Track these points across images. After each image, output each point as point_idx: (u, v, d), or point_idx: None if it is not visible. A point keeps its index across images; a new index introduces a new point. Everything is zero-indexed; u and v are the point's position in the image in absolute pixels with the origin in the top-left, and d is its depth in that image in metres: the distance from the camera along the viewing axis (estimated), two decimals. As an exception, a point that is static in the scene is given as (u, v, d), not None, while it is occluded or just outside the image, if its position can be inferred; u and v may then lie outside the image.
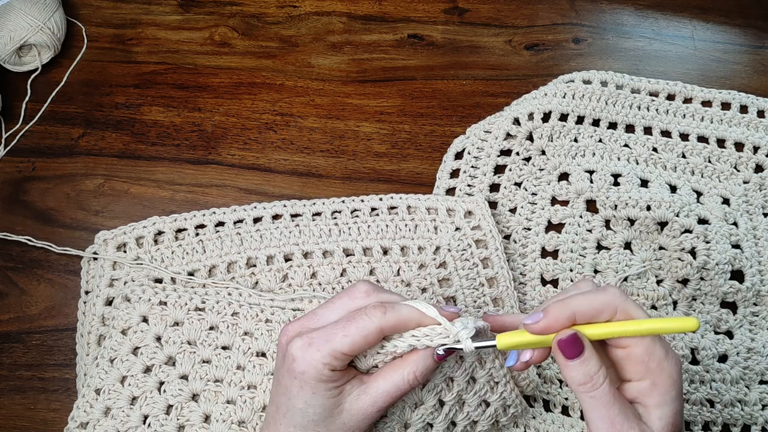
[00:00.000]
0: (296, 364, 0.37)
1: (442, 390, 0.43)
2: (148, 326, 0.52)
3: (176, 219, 0.59)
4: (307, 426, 0.38)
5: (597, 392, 0.36)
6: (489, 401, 0.45)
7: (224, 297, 0.54)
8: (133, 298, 0.53)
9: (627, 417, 0.36)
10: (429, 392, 0.42)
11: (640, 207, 0.59)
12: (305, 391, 0.38)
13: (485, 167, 0.63)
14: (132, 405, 0.50)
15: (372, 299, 0.39)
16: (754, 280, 0.57)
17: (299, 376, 0.37)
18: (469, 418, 0.45)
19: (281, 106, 0.67)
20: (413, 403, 0.42)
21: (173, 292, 0.54)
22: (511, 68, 0.69)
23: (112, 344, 0.52)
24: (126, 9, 0.72)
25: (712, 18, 0.73)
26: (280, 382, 0.39)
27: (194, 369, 0.51)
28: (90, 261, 0.58)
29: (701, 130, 0.65)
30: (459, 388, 0.43)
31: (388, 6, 0.73)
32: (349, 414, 0.38)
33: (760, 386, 0.55)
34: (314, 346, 0.37)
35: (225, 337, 0.52)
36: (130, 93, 0.67)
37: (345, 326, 0.37)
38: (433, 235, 0.59)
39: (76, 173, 0.63)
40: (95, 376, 0.51)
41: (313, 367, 0.37)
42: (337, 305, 0.40)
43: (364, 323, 0.37)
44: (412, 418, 0.42)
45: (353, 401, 0.38)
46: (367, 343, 0.38)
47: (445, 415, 0.43)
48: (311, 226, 0.59)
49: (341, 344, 0.37)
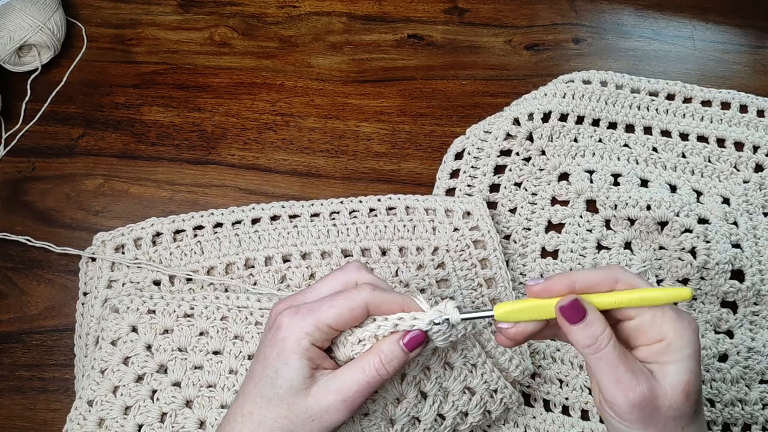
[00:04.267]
0: (280, 331, 0.38)
1: (420, 381, 0.42)
2: (138, 335, 0.52)
3: (174, 220, 0.59)
4: (272, 399, 0.38)
5: (602, 353, 0.36)
6: (472, 387, 0.45)
7: (212, 302, 0.53)
8: (121, 308, 0.53)
9: (635, 375, 0.36)
10: (408, 384, 0.42)
11: (640, 207, 0.59)
12: (280, 360, 0.38)
13: (485, 167, 0.63)
14: (126, 415, 0.50)
15: (362, 273, 0.40)
16: (755, 280, 0.57)
17: (279, 343, 0.38)
18: (457, 408, 0.44)
19: (281, 106, 0.67)
20: (394, 399, 0.42)
21: (161, 300, 0.53)
22: (511, 68, 0.69)
23: (102, 355, 0.51)
24: (126, 9, 0.72)
25: (712, 18, 0.73)
26: (260, 351, 0.39)
27: (186, 375, 0.51)
28: (88, 262, 0.58)
29: (701, 129, 0.65)
30: (437, 375, 0.42)
31: (387, 6, 0.73)
32: (315, 399, 0.37)
33: (760, 385, 0.55)
34: (300, 314, 0.38)
35: (215, 342, 0.52)
36: (130, 93, 0.67)
37: (332, 298, 0.38)
38: (432, 236, 0.59)
39: (76, 173, 0.63)
40: (87, 388, 0.50)
41: (294, 335, 0.37)
42: (330, 280, 0.40)
43: (351, 296, 0.38)
44: (396, 413, 0.42)
45: (321, 387, 0.38)
46: (352, 317, 0.38)
47: (430, 407, 0.43)
48: (309, 227, 0.59)
49: (326, 315, 0.37)
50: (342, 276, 0.40)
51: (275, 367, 0.38)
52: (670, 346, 0.36)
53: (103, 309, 0.54)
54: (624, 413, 0.36)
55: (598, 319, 0.37)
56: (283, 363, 0.37)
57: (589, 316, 0.37)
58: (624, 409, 0.36)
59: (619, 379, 0.36)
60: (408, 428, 0.43)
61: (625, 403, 0.36)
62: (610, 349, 0.36)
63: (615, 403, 0.36)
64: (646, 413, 0.36)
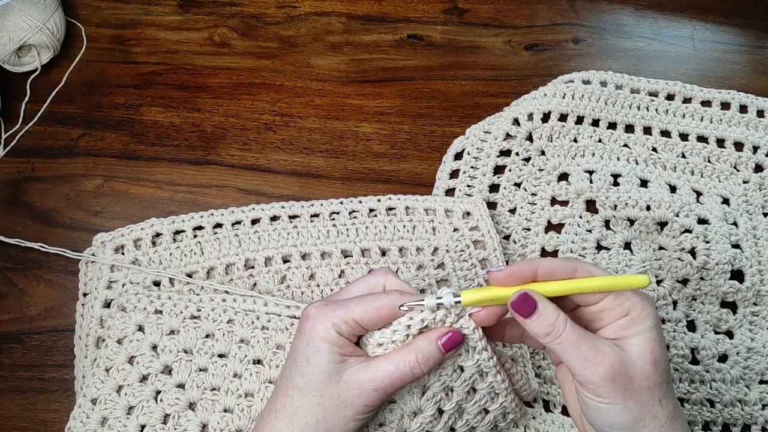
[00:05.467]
0: (308, 321, 0.39)
1: (441, 399, 0.42)
2: (144, 335, 0.52)
3: (174, 221, 0.59)
4: (304, 388, 0.38)
5: (562, 337, 0.37)
6: (489, 410, 0.45)
7: (219, 304, 0.53)
8: (128, 307, 0.53)
9: (599, 349, 0.36)
10: (428, 401, 0.42)
11: (639, 207, 0.59)
12: (310, 348, 0.38)
13: (485, 168, 0.63)
14: (129, 415, 0.50)
15: (389, 277, 0.41)
16: (754, 280, 0.57)
17: (308, 332, 0.39)
18: (468, 425, 0.45)
19: (281, 106, 0.67)
20: (412, 412, 0.42)
21: (168, 300, 0.53)
22: (511, 68, 0.69)
23: (108, 353, 0.51)
24: (125, 9, 0.72)
25: (712, 18, 0.73)
26: (293, 346, 0.40)
27: (191, 377, 0.51)
28: (88, 263, 0.58)
29: (701, 129, 0.65)
30: (459, 398, 0.43)
31: (387, 6, 0.73)
32: (346, 385, 0.38)
33: (760, 386, 0.55)
34: (329, 306, 0.39)
35: (221, 344, 0.52)
36: (130, 93, 0.67)
37: (362, 297, 0.39)
38: (432, 236, 0.59)
39: (75, 174, 0.63)
40: (91, 386, 0.50)
41: (323, 324, 0.38)
42: (358, 284, 0.42)
43: (380, 296, 0.39)
44: (411, 426, 0.42)
45: (353, 373, 0.38)
46: (379, 316, 0.39)
47: (444, 423, 0.43)
48: (309, 228, 0.59)
49: (354, 310, 0.38)
50: (371, 280, 0.42)
51: (306, 356, 0.39)
52: (633, 320, 0.37)
53: (111, 307, 0.54)
54: (600, 388, 0.36)
55: (550, 308, 0.37)
56: (313, 351, 0.38)
57: (540, 306, 0.37)
58: (599, 384, 0.36)
59: (585, 357, 0.36)
60: None
61: (597, 377, 0.36)
62: (568, 332, 0.37)
63: (589, 381, 0.37)
64: (620, 384, 0.36)
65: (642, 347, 0.37)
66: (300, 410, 0.38)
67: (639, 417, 0.37)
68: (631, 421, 0.37)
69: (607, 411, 0.37)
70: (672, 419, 0.37)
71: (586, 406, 0.38)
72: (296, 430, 0.38)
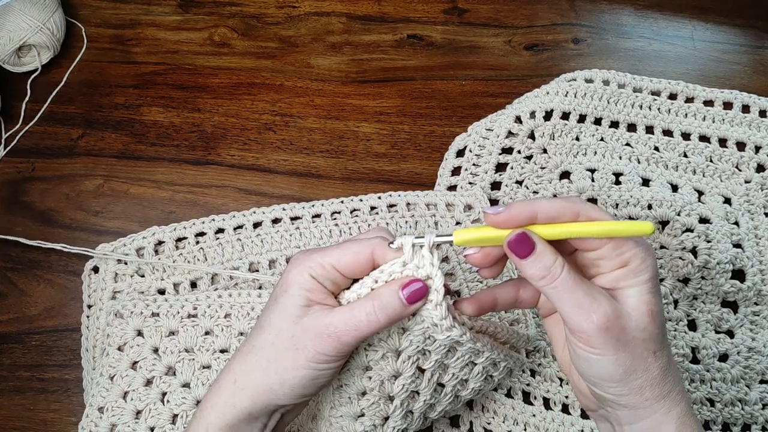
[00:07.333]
0: (289, 266, 0.39)
1: (419, 359, 0.41)
2: (144, 339, 0.52)
3: (176, 228, 0.59)
4: (264, 327, 0.38)
5: (558, 281, 0.36)
6: (476, 362, 0.43)
7: (215, 300, 0.53)
8: (125, 313, 0.53)
9: (594, 297, 0.35)
10: (404, 362, 0.40)
11: (641, 206, 0.59)
12: (281, 289, 0.38)
13: (486, 165, 0.63)
14: (137, 419, 0.50)
15: (380, 231, 0.41)
16: (755, 280, 0.57)
17: (284, 275, 0.38)
18: (457, 378, 0.43)
19: (281, 106, 0.67)
20: (391, 376, 0.41)
21: (164, 302, 0.53)
22: (511, 68, 0.69)
23: (110, 361, 0.51)
24: (125, 9, 0.72)
25: (712, 18, 0.73)
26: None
27: (195, 376, 0.51)
28: (91, 274, 0.57)
29: (703, 129, 0.65)
30: (437, 357, 0.41)
31: (387, 6, 0.73)
32: (302, 328, 0.37)
33: (760, 385, 0.55)
34: (307, 254, 0.38)
35: (221, 340, 0.52)
36: (130, 93, 0.67)
37: (341, 243, 0.39)
38: (434, 231, 0.59)
39: (75, 174, 0.63)
40: (97, 395, 0.50)
41: (297, 268, 0.38)
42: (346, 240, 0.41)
43: (359, 241, 0.38)
44: (393, 389, 0.41)
45: (312, 318, 0.37)
46: (356, 261, 0.37)
47: (428, 380, 0.42)
48: (311, 228, 0.59)
49: (330, 254, 0.38)
50: (361, 235, 0.41)
51: (275, 296, 0.38)
52: (632, 271, 0.36)
53: (108, 315, 0.54)
54: (592, 338, 0.35)
55: (548, 251, 0.36)
56: (282, 291, 0.38)
57: (539, 248, 0.36)
58: (591, 334, 0.35)
59: (580, 304, 0.35)
60: (408, 402, 0.42)
61: (590, 326, 0.35)
62: (565, 276, 0.36)
63: (581, 330, 0.35)
64: (614, 334, 0.35)
65: (637, 299, 0.36)
66: (255, 348, 0.38)
67: (630, 369, 0.36)
68: (623, 373, 0.36)
69: (597, 362, 0.36)
70: (665, 372, 0.36)
71: (576, 357, 0.37)
72: (247, 367, 0.38)
